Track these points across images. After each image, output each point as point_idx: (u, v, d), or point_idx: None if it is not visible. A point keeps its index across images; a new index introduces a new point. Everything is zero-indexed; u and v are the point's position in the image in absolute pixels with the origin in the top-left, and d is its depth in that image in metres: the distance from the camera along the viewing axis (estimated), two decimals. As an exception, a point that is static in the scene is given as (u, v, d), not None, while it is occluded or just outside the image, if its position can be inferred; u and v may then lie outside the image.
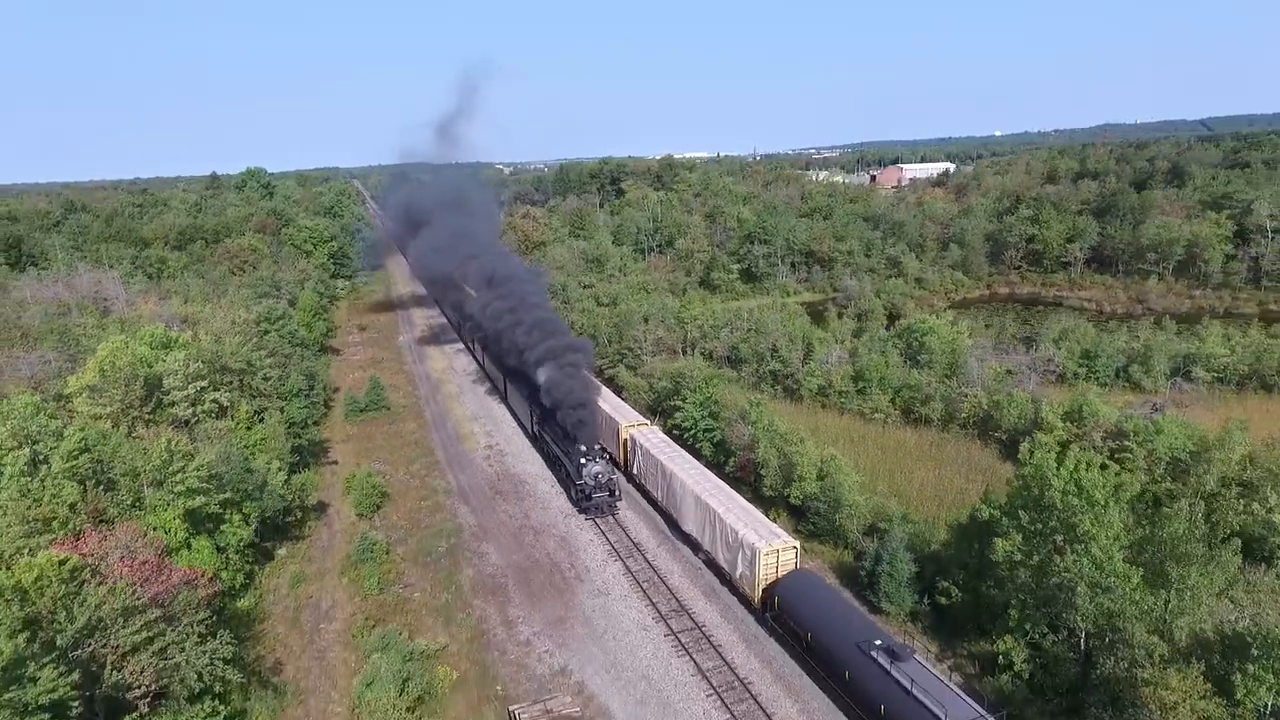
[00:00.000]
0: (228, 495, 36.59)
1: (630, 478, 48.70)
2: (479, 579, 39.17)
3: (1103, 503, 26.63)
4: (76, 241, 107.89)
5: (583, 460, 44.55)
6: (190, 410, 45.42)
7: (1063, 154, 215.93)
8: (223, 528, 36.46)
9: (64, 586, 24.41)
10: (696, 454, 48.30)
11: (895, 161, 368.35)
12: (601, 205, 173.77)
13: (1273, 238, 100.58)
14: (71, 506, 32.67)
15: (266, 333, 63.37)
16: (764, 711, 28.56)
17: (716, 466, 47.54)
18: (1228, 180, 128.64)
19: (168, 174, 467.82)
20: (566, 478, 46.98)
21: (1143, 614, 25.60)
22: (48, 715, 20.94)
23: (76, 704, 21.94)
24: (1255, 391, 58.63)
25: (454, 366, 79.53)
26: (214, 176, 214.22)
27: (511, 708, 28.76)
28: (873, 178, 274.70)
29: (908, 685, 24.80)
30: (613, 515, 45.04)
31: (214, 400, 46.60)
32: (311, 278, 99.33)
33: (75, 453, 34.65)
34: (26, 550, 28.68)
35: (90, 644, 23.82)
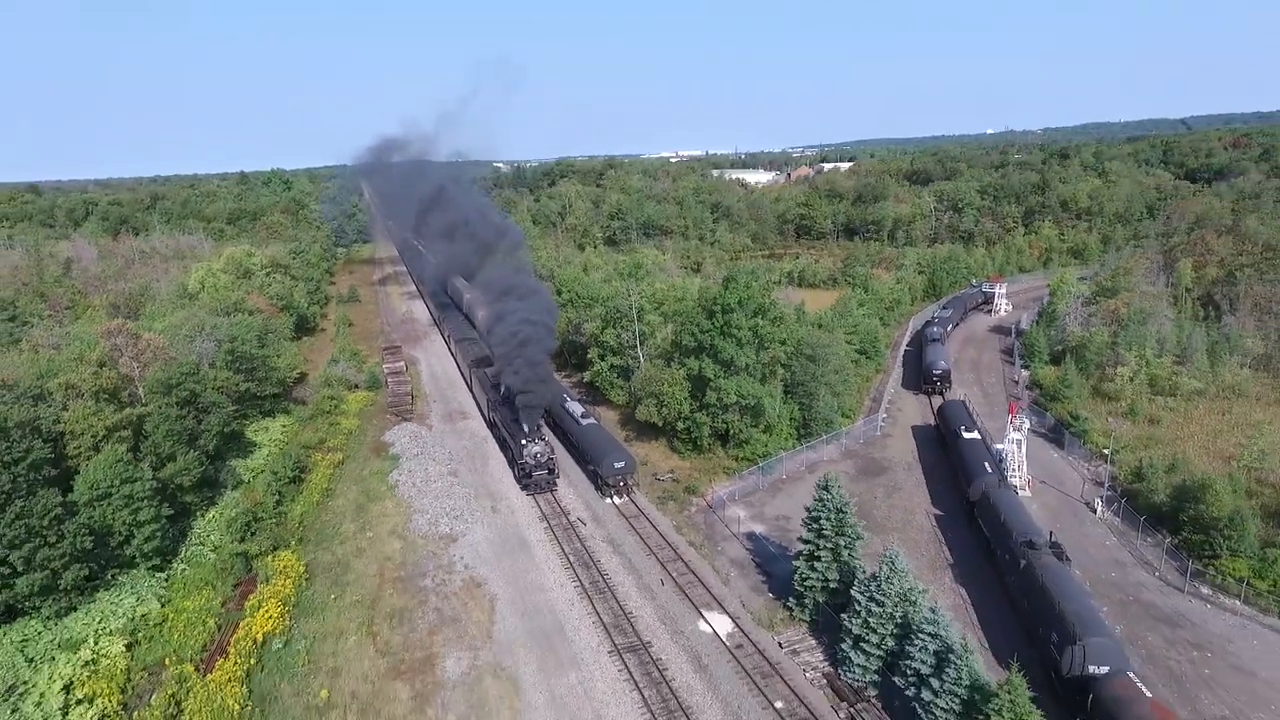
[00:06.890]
0: (285, 302, 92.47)
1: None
2: (386, 340, 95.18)
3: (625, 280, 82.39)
4: (166, 218, 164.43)
5: (524, 441, 46.63)
6: (266, 281, 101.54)
7: (905, 157, 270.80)
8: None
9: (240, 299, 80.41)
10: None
11: (852, 159, 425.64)
12: (535, 195, 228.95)
13: (934, 218, 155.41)
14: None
15: (295, 258, 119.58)
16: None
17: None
18: (980, 177, 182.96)
19: (185, 171, 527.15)
20: (512, 459, 49.17)
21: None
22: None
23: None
24: (833, 286, 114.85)
25: (401, 289, 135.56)
26: (243, 175, 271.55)
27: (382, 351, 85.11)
28: (788, 175, 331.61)
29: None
30: (551, 492, 46.25)
31: (275, 277, 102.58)
32: (319, 241, 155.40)
33: (225, 284, 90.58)
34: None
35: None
